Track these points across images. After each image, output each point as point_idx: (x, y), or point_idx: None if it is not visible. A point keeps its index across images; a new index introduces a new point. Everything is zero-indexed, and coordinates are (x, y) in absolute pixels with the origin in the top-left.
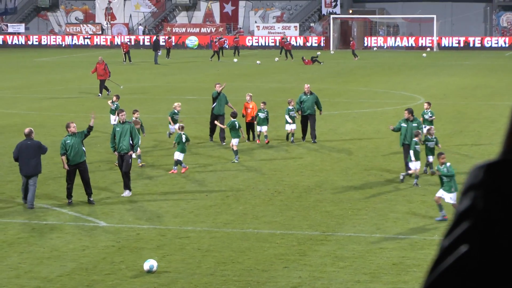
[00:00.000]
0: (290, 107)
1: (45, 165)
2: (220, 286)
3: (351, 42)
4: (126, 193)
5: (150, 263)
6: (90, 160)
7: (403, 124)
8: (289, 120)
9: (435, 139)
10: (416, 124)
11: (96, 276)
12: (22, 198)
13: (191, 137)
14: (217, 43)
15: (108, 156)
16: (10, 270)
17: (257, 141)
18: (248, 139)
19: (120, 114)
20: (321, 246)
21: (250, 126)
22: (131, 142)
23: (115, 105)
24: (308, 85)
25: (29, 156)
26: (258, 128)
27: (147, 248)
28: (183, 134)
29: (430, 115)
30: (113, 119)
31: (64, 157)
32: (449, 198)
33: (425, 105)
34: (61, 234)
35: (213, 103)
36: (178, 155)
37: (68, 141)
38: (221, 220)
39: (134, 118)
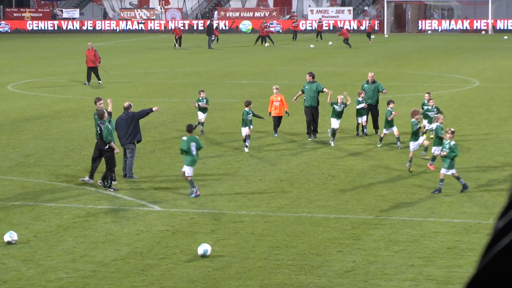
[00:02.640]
0: (360, 99)
1: None
2: (274, 270)
3: (341, 31)
4: (85, 178)
5: (204, 247)
6: (144, 144)
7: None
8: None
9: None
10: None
11: (151, 260)
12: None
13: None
14: (265, 30)
15: (163, 139)
16: (66, 254)
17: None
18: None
19: (97, 103)
20: (375, 230)
21: (278, 122)
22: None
23: (205, 100)
24: (372, 73)
25: (123, 127)
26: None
27: (201, 232)
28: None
29: (436, 111)
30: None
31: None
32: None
33: (426, 96)
34: (116, 219)
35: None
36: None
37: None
38: (275, 205)
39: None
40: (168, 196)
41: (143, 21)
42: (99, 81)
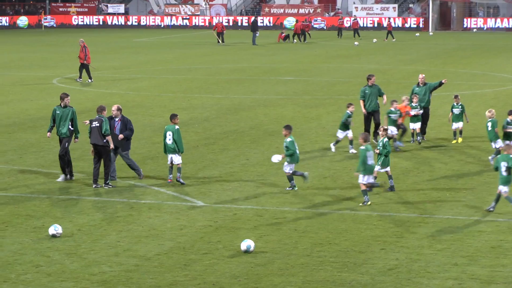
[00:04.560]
0: (413, 104)
1: (143, 145)
2: (316, 267)
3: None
4: (61, 178)
5: (247, 243)
6: (188, 140)
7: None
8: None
9: None
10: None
11: (194, 255)
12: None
13: (288, 120)
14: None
15: (206, 136)
16: (109, 248)
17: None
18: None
19: (65, 99)
20: (419, 228)
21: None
22: (70, 127)
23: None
24: (423, 75)
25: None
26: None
27: (244, 228)
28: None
29: (460, 109)
30: (341, 135)
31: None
32: None
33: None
34: (159, 213)
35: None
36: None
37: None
38: (318, 201)
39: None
40: (211, 191)
41: (187, 17)
42: (79, 79)
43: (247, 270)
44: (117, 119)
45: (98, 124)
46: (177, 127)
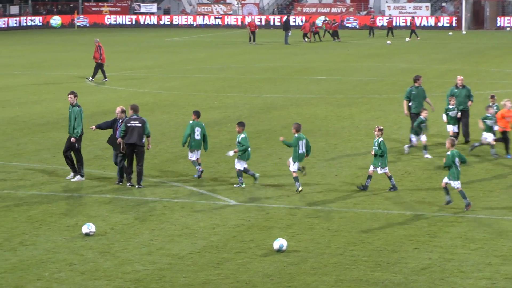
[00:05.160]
0: (450, 106)
1: (176, 144)
2: (349, 266)
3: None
4: (70, 175)
5: (279, 242)
6: (220, 139)
7: None
8: (445, 119)
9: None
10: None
11: (226, 254)
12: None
13: (321, 119)
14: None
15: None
16: (142, 246)
17: None
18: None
19: (69, 96)
20: (452, 228)
21: (504, 137)
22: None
23: (495, 107)
24: (462, 77)
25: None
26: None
27: (276, 227)
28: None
29: (496, 109)
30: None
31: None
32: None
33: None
34: (192, 212)
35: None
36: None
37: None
38: (350, 200)
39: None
40: (243, 190)
41: (219, 16)
42: (91, 78)
43: (279, 269)
44: (120, 121)
45: (140, 124)
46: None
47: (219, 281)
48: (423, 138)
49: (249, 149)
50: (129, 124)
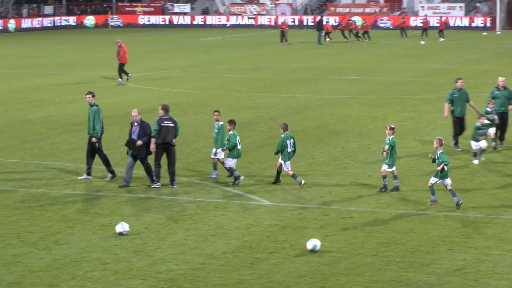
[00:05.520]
0: (489, 109)
1: (209, 144)
2: (383, 267)
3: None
4: (109, 176)
5: (313, 243)
6: (254, 139)
7: None
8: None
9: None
10: None
11: (260, 254)
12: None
13: (354, 119)
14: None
15: (272, 135)
16: (176, 246)
17: None
18: None
19: (86, 96)
20: (486, 229)
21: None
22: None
23: None
24: (503, 78)
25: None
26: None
27: (310, 227)
28: None
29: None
30: None
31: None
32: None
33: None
34: (225, 212)
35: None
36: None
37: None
38: (384, 201)
39: None
40: (277, 190)
41: (253, 16)
42: (120, 79)
43: (313, 270)
44: (136, 124)
45: (172, 124)
46: (221, 123)
47: (253, 281)
48: (483, 144)
49: (238, 146)
50: (162, 124)
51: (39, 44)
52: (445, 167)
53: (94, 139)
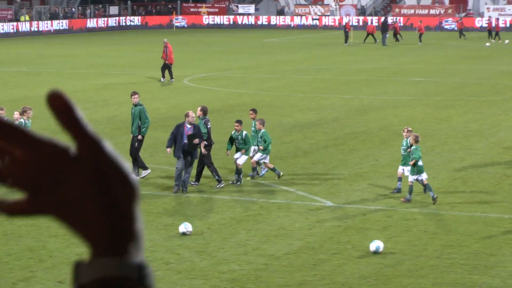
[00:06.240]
0: None
1: (273, 145)
2: (446, 269)
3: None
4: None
5: (376, 244)
6: (317, 140)
7: None
8: None
9: None
10: None
11: (322, 255)
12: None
13: (419, 121)
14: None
15: (335, 136)
16: (238, 246)
17: None
18: None
19: (132, 96)
20: None
21: None
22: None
23: None
24: None
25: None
26: None
27: (373, 229)
28: None
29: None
30: None
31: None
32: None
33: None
34: (288, 213)
35: None
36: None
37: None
38: (448, 203)
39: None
40: (340, 192)
41: (317, 17)
42: (162, 79)
43: (376, 271)
44: (189, 126)
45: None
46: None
47: (315, 282)
48: None
49: (248, 144)
50: (209, 126)
51: (104, 44)
52: (418, 163)
53: (140, 136)
